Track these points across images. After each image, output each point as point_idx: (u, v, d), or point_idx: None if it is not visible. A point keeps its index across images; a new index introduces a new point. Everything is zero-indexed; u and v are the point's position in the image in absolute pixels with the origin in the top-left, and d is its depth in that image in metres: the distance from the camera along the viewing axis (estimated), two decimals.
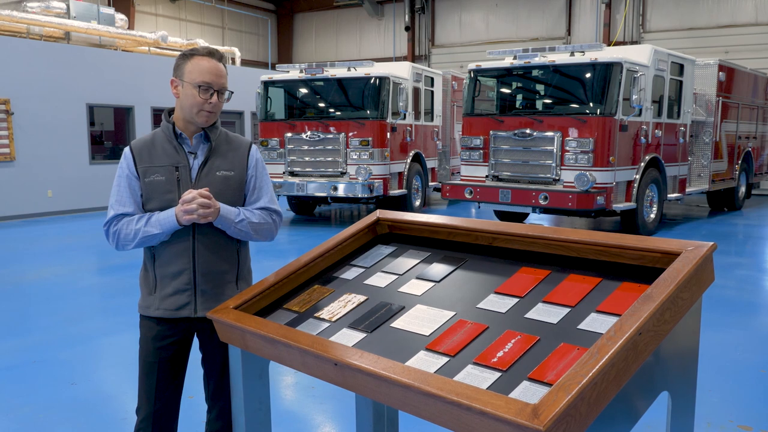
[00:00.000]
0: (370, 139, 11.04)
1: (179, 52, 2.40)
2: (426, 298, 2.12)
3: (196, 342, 2.53)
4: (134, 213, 2.36)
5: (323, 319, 2.14)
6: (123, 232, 2.34)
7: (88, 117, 13.55)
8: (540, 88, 10.20)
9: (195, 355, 2.52)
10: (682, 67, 10.70)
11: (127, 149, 2.44)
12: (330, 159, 11.25)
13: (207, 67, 2.32)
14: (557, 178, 9.30)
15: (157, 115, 14.03)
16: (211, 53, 2.37)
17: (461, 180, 10.44)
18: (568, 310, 1.84)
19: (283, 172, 11.51)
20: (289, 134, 11.47)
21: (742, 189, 13.89)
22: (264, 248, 8.89)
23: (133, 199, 2.37)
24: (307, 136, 11.30)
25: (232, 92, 2.43)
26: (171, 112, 2.46)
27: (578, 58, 9.32)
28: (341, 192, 10.85)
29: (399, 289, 2.22)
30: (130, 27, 19.12)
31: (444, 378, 1.60)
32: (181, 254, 2.37)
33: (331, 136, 11.18)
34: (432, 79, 13.37)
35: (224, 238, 2.41)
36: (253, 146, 2.54)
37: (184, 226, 2.32)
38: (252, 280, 2.58)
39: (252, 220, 2.40)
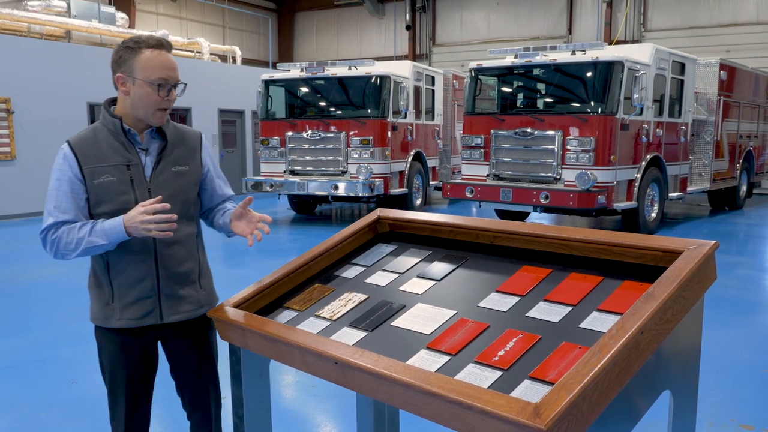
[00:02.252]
0: (370, 138, 11.03)
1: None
2: (427, 296, 2.11)
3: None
4: (75, 220, 2.11)
5: (324, 318, 2.13)
6: (63, 240, 2.09)
7: (89, 116, 13.55)
8: (541, 87, 10.19)
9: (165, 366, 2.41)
10: (683, 66, 10.68)
11: (66, 148, 2.14)
12: (331, 158, 11.24)
13: (161, 62, 2.11)
14: (558, 177, 9.29)
15: None
16: (161, 44, 2.13)
17: (462, 179, 10.43)
18: (569, 308, 1.84)
19: (284, 171, 11.50)
20: (289, 133, 11.46)
21: (743, 188, 13.88)
22: (265, 247, 8.89)
23: (74, 204, 2.11)
24: (307, 135, 11.30)
25: (186, 84, 2.20)
26: (111, 103, 2.22)
27: (579, 57, 9.31)
28: (342, 191, 10.83)
29: (400, 288, 2.21)
30: (131, 26, 19.12)
31: (445, 377, 1.59)
32: (141, 259, 2.16)
33: (331, 135, 11.17)
34: (433, 78, 13.35)
35: (186, 236, 2.26)
36: (202, 136, 2.38)
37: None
38: (212, 276, 2.43)
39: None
